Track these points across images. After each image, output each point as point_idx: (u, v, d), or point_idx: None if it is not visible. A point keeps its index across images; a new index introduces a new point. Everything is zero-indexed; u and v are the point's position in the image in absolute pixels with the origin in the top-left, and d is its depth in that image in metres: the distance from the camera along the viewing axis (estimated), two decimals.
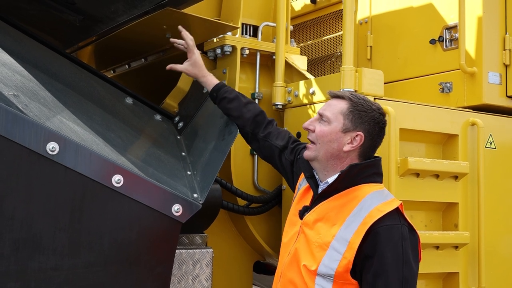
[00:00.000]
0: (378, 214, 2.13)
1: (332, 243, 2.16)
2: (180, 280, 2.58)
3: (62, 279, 2.06)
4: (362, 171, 2.27)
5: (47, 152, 2.01)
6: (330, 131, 2.29)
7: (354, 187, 2.25)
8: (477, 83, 3.63)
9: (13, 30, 3.18)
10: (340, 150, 2.30)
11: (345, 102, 2.32)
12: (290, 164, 2.69)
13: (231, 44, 3.40)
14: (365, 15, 4.45)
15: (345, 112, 2.30)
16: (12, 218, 1.97)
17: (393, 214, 2.16)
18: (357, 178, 2.26)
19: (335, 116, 2.30)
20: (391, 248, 2.11)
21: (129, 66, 4.09)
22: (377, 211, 2.14)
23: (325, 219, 2.23)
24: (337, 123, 2.30)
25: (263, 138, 2.79)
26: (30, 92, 2.27)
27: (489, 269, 3.31)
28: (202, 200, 2.39)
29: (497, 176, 3.44)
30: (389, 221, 2.14)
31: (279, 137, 2.77)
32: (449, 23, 3.82)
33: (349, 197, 2.23)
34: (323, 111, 2.34)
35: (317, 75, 3.64)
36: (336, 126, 2.30)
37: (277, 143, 2.74)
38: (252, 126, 2.81)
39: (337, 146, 2.29)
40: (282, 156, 2.72)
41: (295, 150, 2.69)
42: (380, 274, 2.09)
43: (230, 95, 2.86)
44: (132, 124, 3.01)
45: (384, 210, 2.15)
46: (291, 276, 2.26)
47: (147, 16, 3.11)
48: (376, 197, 2.21)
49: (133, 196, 2.19)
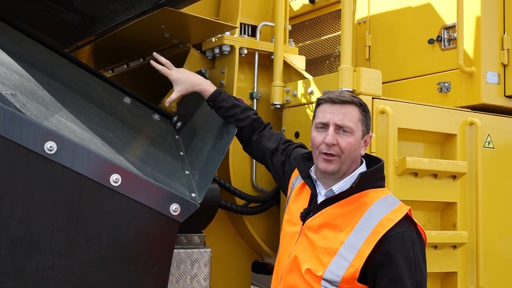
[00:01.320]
0: (388, 224, 2.14)
1: (340, 250, 2.15)
2: (178, 280, 2.58)
3: (59, 278, 2.06)
4: (370, 177, 2.27)
5: (45, 151, 2.01)
6: (356, 142, 2.28)
7: (361, 193, 2.24)
8: (475, 83, 3.63)
9: (12, 30, 3.18)
10: (358, 156, 2.32)
11: (355, 107, 2.29)
12: (281, 164, 2.70)
13: (230, 43, 3.40)
14: (364, 15, 4.45)
15: (361, 118, 2.30)
16: (10, 217, 1.96)
17: (402, 221, 2.18)
18: (364, 184, 2.25)
19: (356, 125, 2.28)
20: (403, 255, 2.13)
21: (127, 65, 4.08)
22: (387, 221, 2.15)
23: (332, 225, 2.22)
24: (359, 132, 2.29)
25: (256, 141, 2.81)
26: (28, 91, 2.27)
27: (487, 268, 3.31)
28: (200, 199, 2.39)
29: (495, 175, 3.44)
30: (399, 228, 2.15)
31: (271, 139, 2.78)
32: (448, 23, 3.82)
33: (357, 204, 2.23)
34: (342, 122, 2.26)
35: (316, 75, 3.64)
36: (359, 135, 2.29)
37: (269, 145, 2.76)
38: (248, 132, 2.83)
39: (358, 153, 2.31)
40: (274, 157, 2.73)
41: (286, 151, 2.71)
42: (396, 281, 2.11)
43: (227, 104, 2.82)
44: (130, 124, 3.01)
45: (394, 219, 2.16)
46: (293, 279, 2.25)
47: (145, 15, 3.11)
48: (383, 204, 2.22)
49: (131, 196, 2.18)
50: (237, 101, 2.88)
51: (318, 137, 2.29)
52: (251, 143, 2.83)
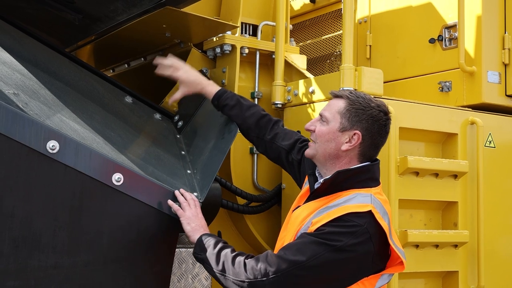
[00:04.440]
0: (346, 210, 2.11)
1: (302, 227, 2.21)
2: (180, 279, 2.58)
3: (61, 277, 2.06)
4: (352, 177, 2.24)
5: (47, 151, 2.01)
6: (328, 131, 2.28)
7: (343, 191, 2.22)
8: (477, 82, 3.64)
9: (13, 29, 3.18)
10: (338, 150, 2.28)
11: (343, 101, 2.30)
12: (297, 163, 2.64)
13: (231, 43, 3.40)
14: (365, 14, 4.45)
15: (342, 111, 2.28)
16: (12, 216, 1.97)
17: (363, 214, 2.12)
18: (346, 183, 2.23)
19: (333, 116, 2.29)
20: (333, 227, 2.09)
21: (128, 65, 4.08)
22: (346, 207, 2.12)
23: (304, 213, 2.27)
24: (335, 123, 2.28)
25: (270, 140, 2.73)
26: (30, 90, 2.27)
27: (488, 267, 3.31)
28: (202, 198, 2.39)
29: (497, 175, 3.45)
30: (355, 217, 2.10)
31: (285, 137, 2.71)
32: (449, 22, 3.82)
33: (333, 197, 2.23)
34: (322, 111, 2.34)
35: (317, 75, 3.64)
36: (333, 126, 2.28)
37: (283, 144, 2.69)
38: (256, 131, 2.75)
39: (334, 146, 2.27)
40: (289, 156, 2.67)
41: (303, 150, 2.62)
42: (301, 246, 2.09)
43: (231, 102, 2.76)
44: (131, 123, 3.01)
45: (354, 209, 2.12)
46: None
47: (147, 15, 3.11)
48: (353, 199, 2.18)
49: (133, 195, 2.19)
50: (242, 99, 2.82)
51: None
52: (265, 142, 2.74)
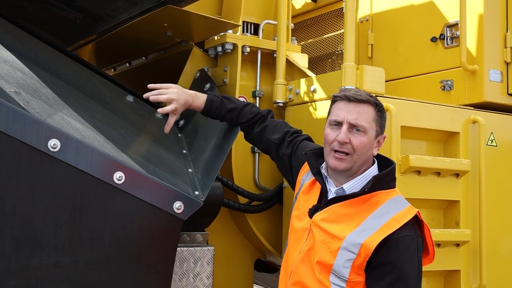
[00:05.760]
0: (395, 225, 2.14)
1: (344, 244, 2.15)
2: (182, 278, 2.58)
3: (63, 276, 2.06)
4: (382, 179, 2.26)
5: (49, 149, 2.01)
6: (368, 141, 2.27)
7: (371, 194, 2.24)
8: (478, 81, 3.63)
9: (15, 28, 3.18)
10: (370, 156, 2.31)
11: (371, 107, 2.28)
12: (288, 157, 2.64)
13: (232, 42, 3.40)
14: (366, 13, 4.44)
15: (375, 117, 2.28)
16: (13, 215, 1.96)
17: (409, 224, 2.17)
18: (376, 186, 2.24)
19: (370, 125, 2.27)
20: (408, 259, 2.14)
21: (129, 64, 4.09)
22: (394, 222, 2.15)
23: (337, 222, 2.22)
24: (372, 131, 2.28)
25: (259, 133, 2.73)
26: (32, 89, 2.27)
27: (490, 266, 3.31)
28: (203, 197, 2.39)
29: (498, 174, 3.44)
30: (406, 231, 2.15)
31: (275, 130, 2.70)
32: (450, 21, 3.82)
33: (365, 205, 2.22)
34: (356, 121, 2.25)
35: (318, 74, 3.63)
36: (372, 135, 2.28)
37: (273, 138, 2.69)
38: (249, 127, 2.78)
39: (370, 153, 2.30)
40: (279, 150, 2.67)
41: (292, 143, 2.64)
42: (400, 279, 2.11)
43: (221, 113, 2.74)
44: (133, 122, 3.01)
45: (401, 221, 2.15)
46: (304, 275, 2.24)
47: (148, 14, 3.10)
48: (393, 206, 2.21)
49: (135, 193, 2.18)
50: (230, 103, 2.76)
51: (331, 134, 2.28)
52: (253, 135, 2.76)
